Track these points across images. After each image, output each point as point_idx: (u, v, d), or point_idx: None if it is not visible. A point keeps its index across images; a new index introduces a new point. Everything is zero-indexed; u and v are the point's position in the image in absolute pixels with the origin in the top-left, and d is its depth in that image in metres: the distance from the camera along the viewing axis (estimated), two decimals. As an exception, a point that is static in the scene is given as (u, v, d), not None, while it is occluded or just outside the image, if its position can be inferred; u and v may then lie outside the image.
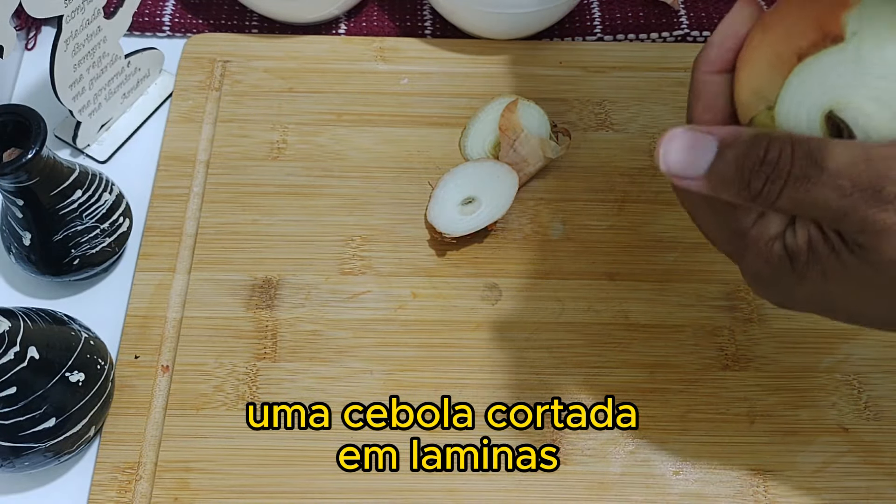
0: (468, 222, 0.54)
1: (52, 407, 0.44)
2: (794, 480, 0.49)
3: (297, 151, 0.59)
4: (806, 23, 0.35)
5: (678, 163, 0.35)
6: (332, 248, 0.55)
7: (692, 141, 0.35)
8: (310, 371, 0.51)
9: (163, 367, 0.52)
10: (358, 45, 0.63)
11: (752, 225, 0.36)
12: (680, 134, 0.36)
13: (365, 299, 0.54)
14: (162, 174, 0.58)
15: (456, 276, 0.55)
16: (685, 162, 0.35)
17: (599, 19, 0.65)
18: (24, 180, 0.47)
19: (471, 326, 0.53)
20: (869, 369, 0.52)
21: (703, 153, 0.35)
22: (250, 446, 0.49)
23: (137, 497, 0.48)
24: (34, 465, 0.46)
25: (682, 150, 0.35)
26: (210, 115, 0.60)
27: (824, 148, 0.33)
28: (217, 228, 0.56)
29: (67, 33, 0.53)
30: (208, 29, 0.65)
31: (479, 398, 0.51)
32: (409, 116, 0.60)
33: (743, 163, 0.34)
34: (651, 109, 0.61)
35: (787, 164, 0.33)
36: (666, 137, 0.36)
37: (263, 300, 0.54)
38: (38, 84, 0.63)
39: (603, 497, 0.48)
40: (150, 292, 0.54)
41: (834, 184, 0.32)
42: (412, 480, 0.49)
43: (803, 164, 0.33)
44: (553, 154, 0.57)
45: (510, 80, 0.62)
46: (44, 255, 0.51)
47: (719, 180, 0.35)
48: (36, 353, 0.43)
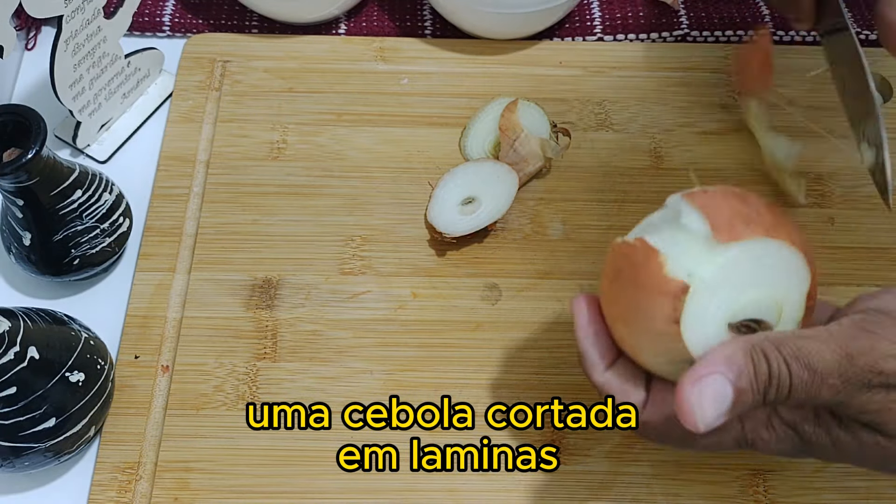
0: (468, 222, 0.54)
1: (52, 407, 0.44)
2: (794, 480, 0.49)
3: (297, 151, 0.59)
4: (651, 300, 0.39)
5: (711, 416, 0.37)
6: (332, 248, 0.55)
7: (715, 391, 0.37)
8: (310, 371, 0.51)
9: (163, 367, 0.52)
10: (358, 45, 0.63)
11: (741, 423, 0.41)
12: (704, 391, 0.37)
13: (365, 299, 0.54)
14: (162, 174, 0.58)
15: (456, 276, 0.55)
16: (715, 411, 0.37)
17: (599, 19, 0.65)
18: (24, 180, 0.47)
19: (471, 326, 0.53)
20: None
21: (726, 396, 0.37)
22: (250, 446, 0.49)
23: (137, 497, 0.48)
24: (34, 465, 0.46)
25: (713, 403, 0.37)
26: (210, 115, 0.60)
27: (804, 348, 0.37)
28: (217, 228, 0.56)
29: (67, 33, 0.53)
30: (208, 29, 0.65)
31: (479, 398, 0.51)
32: (409, 116, 0.60)
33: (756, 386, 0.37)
34: (651, 109, 0.61)
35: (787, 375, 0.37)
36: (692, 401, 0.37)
37: (263, 300, 0.54)
38: (38, 84, 0.63)
39: (603, 497, 0.48)
40: (150, 292, 0.54)
41: (826, 384, 0.37)
42: (412, 480, 0.49)
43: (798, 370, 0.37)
44: (553, 154, 0.57)
45: (510, 80, 0.62)
46: (44, 255, 0.51)
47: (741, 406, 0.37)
48: (36, 353, 0.43)
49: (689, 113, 0.60)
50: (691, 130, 0.60)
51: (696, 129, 0.60)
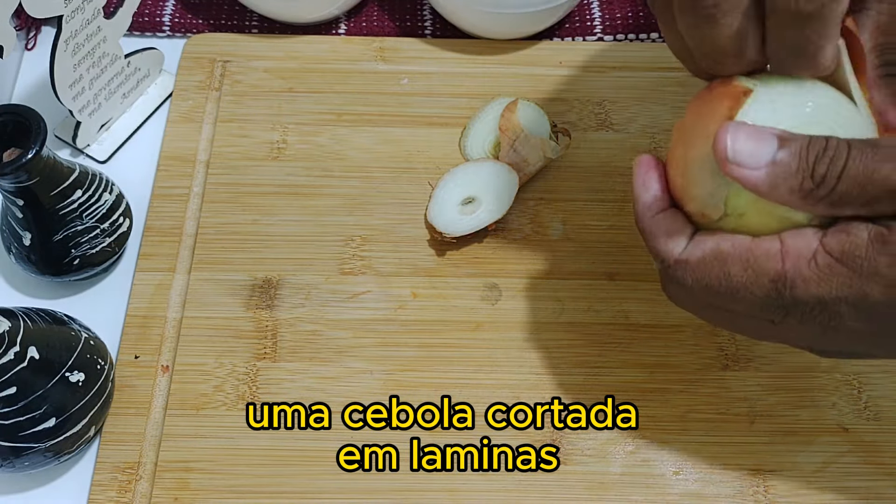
0: (468, 222, 0.54)
1: (52, 407, 0.44)
2: (794, 480, 0.49)
3: (297, 151, 0.59)
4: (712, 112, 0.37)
5: (744, 151, 0.35)
6: (332, 248, 0.55)
7: (756, 133, 0.36)
8: (310, 371, 0.51)
9: (163, 367, 0.52)
10: (358, 45, 0.63)
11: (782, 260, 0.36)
12: (743, 126, 0.36)
13: (365, 299, 0.54)
14: (162, 174, 0.58)
15: (456, 276, 0.55)
16: (751, 150, 0.35)
17: (599, 19, 0.65)
18: (24, 180, 0.47)
19: (471, 326, 0.53)
20: (869, 369, 0.52)
21: (766, 145, 0.35)
22: (250, 446, 0.49)
23: (137, 497, 0.48)
24: (34, 465, 0.46)
25: (748, 139, 0.35)
26: (210, 115, 0.60)
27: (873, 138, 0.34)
28: (217, 228, 0.56)
29: (67, 33, 0.53)
30: (208, 29, 0.65)
31: (479, 398, 0.51)
32: (409, 116, 0.60)
33: (809, 151, 0.35)
34: (651, 109, 0.61)
35: (846, 147, 0.34)
36: (729, 130, 0.36)
37: (263, 300, 0.54)
38: (38, 84, 0.63)
39: (603, 497, 0.48)
40: (150, 292, 0.54)
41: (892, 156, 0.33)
42: (412, 480, 0.49)
43: (861, 145, 0.34)
44: (553, 154, 0.57)
45: (510, 80, 0.62)
46: (44, 255, 0.51)
47: (781, 169, 0.35)
48: (36, 353, 0.43)
49: (689, 113, 0.60)
50: (691, 130, 0.60)
51: (696, 129, 0.60)
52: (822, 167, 0.34)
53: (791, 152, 0.35)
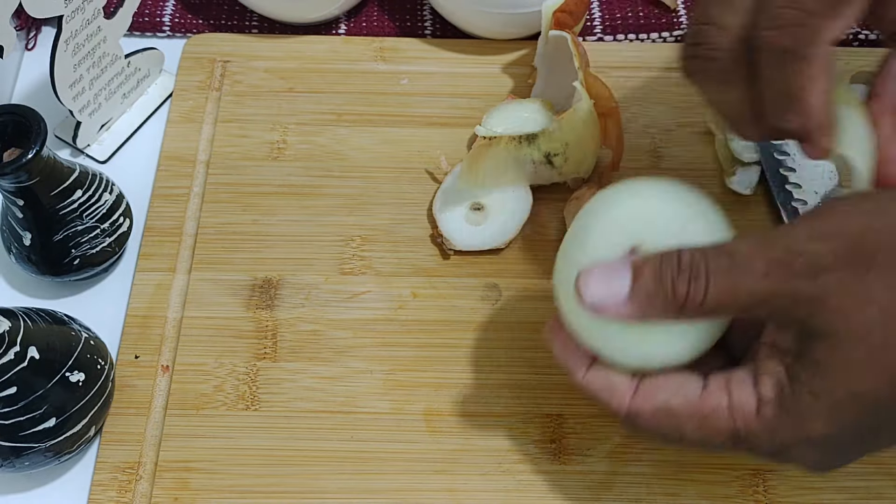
0: (471, 236, 0.54)
1: (52, 407, 0.45)
2: (794, 480, 0.49)
3: (297, 151, 0.59)
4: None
5: (599, 293, 0.36)
6: (332, 248, 0.55)
7: (606, 272, 0.37)
8: (310, 371, 0.51)
9: (163, 367, 0.52)
10: (358, 45, 0.63)
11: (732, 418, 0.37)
12: (593, 271, 0.37)
13: (365, 299, 0.54)
14: (162, 174, 0.58)
15: (456, 276, 0.55)
16: (607, 291, 0.36)
17: (599, 19, 0.65)
18: (25, 180, 0.47)
19: (471, 326, 0.53)
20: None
21: (620, 279, 0.36)
22: (250, 446, 0.49)
23: (137, 497, 0.48)
24: (34, 465, 0.46)
25: (600, 281, 0.36)
26: (210, 116, 0.60)
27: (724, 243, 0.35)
28: (217, 228, 0.56)
29: (67, 33, 0.53)
30: (208, 29, 0.65)
31: (478, 398, 0.51)
32: (409, 116, 0.60)
33: (663, 273, 0.35)
34: (651, 109, 0.61)
35: (702, 260, 0.35)
36: (580, 279, 0.37)
37: (263, 300, 0.54)
38: (38, 84, 0.63)
39: (603, 497, 0.48)
40: (150, 292, 0.54)
41: (749, 268, 0.34)
42: (412, 480, 0.49)
43: (715, 256, 0.35)
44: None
45: (510, 80, 0.62)
46: (44, 255, 0.51)
47: (644, 297, 0.36)
48: (36, 353, 0.43)
49: (689, 113, 0.60)
50: (691, 130, 0.60)
51: (696, 129, 0.60)
52: (682, 286, 0.35)
53: (646, 277, 0.36)
